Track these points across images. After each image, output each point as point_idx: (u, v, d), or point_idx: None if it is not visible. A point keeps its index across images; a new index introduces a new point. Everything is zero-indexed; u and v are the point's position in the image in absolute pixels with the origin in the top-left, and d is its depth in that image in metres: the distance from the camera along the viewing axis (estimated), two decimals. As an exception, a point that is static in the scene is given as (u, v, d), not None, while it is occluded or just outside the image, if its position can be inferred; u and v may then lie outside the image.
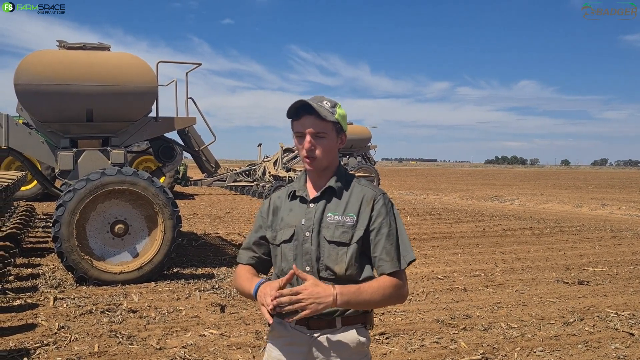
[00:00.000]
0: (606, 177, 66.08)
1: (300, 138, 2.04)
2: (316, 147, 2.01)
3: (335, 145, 2.07)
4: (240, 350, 4.70)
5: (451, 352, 4.77)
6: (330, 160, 2.08)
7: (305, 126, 2.01)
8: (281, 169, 20.59)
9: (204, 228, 12.43)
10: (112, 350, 4.64)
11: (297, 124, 2.03)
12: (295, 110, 2.03)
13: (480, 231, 12.69)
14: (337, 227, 2.02)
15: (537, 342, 5.06)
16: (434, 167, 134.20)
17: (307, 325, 2.03)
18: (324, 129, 2.01)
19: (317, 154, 2.02)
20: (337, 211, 2.04)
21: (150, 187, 7.04)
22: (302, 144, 2.03)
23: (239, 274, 2.16)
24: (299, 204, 2.11)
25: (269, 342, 2.16)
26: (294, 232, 2.06)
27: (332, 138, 2.05)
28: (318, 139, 2.01)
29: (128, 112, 7.58)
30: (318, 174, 2.10)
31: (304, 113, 2.01)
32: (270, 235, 2.14)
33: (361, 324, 2.07)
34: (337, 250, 2.01)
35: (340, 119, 2.05)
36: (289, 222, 2.09)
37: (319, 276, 2.01)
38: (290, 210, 2.11)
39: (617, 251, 10.22)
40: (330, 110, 2.02)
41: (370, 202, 2.04)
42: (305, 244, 2.04)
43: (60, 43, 7.69)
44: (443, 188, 33.59)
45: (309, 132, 2.01)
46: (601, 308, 6.24)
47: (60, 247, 6.70)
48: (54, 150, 7.49)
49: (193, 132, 8.89)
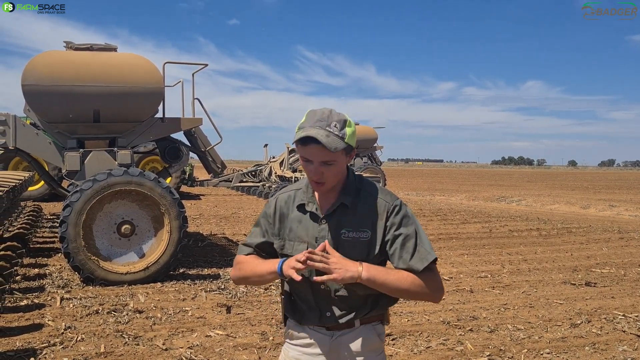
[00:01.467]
0: (613, 177, 65.76)
1: (308, 163, 1.93)
2: (324, 173, 1.92)
3: (344, 166, 1.98)
4: (246, 351, 4.70)
5: (457, 353, 4.75)
6: (338, 178, 1.99)
7: (314, 155, 1.89)
8: (287, 169, 20.61)
9: (210, 228, 12.45)
10: (118, 350, 4.65)
11: (304, 150, 1.90)
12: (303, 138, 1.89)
13: (486, 232, 12.64)
14: (354, 245, 1.97)
15: (544, 343, 5.04)
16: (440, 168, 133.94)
17: (326, 327, 2.04)
18: (334, 157, 1.89)
19: (325, 179, 1.93)
20: (350, 227, 1.98)
21: (156, 187, 7.05)
22: (309, 168, 1.93)
23: (245, 261, 2.09)
24: (309, 219, 2.03)
25: (286, 342, 2.16)
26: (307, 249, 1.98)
27: (342, 162, 1.94)
28: (327, 166, 1.91)
29: (135, 112, 7.60)
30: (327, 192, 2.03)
31: (311, 142, 1.86)
32: (277, 244, 2.08)
33: (378, 321, 2.08)
34: None
35: (349, 141, 1.91)
36: (300, 235, 2.03)
37: (335, 295, 2.00)
38: (300, 222, 2.04)
39: (624, 252, 10.16)
40: (339, 135, 1.88)
41: (384, 215, 1.99)
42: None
43: (67, 44, 7.72)
44: (449, 189, 33.52)
45: (317, 161, 1.91)
46: (608, 310, 6.20)
47: (67, 247, 6.72)
48: (61, 150, 7.52)
49: (199, 132, 8.91)
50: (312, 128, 1.86)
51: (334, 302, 2.01)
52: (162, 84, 7.66)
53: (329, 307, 2.02)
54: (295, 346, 2.10)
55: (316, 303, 2.03)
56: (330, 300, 2.02)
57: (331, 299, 2.01)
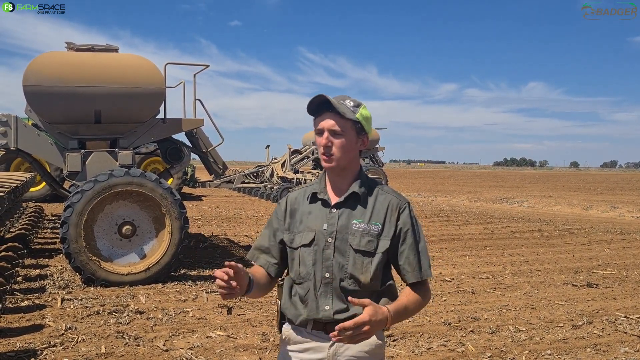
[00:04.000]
0: (616, 179, 65.68)
1: (320, 135, 2.01)
2: (333, 143, 1.98)
3: (354, 146, 2.02)
4: (247, 352, 4.70)
5: (459, 355, 4.74)
6: (349, 160, 2.02)
7: (324, 122, 1.99)
8: (289, 170, 20.60)
9: (211, 229, 12.45)
10: (118, 351, 4.65)
11: (317, 121, 2.02)
12: (317, 106, 2.01)
13: (488, 233, 12.62)
14: (363, 235, 1.98)
15: (545, 345, 5.02)
16: (442, 169, 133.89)
17: (324, 331, 2.01)
18: (343, 126, 1.97)
19: (333, 151, 1.98)
20: (362, 219, 2.00)
21: (157, 188, 7.05)
22: (319, 139, 2.01)
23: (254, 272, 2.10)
24: (320, 207, 2.05)
25: (283, 348, 2.12)
26: (315, 237, 2.01)
27: (351, 137, 2.00)
28: (336, 135, 1.98)
29: (136, 113, 7.60)
30: (338, 175, 2.05)
31: (325, 110, 1.99)
32: (287, 238, 2.09)
33: None
34: (363, 260, 1.98)
35: (362, 119, 2.00)
36: (309, 225, 2.04)
37: (340, 285, 1.99)
38: (310, 213, 2.06)
39: (626, 254, 10.14)
40: (351, 109, 1.99)
41: (396, 212, 2.02)
42: (326, 250, 2.00)
43: (69, 45, 7.72)
44: (451, 190, 33.49)
45: (327, 128, 1.98)
46: (610, 311, 6.18)
47: (68, 248, 6.72)
48: (63, 151, 7.52)
49: (201, 133, 8.91)
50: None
51: (336, 294, 1.99)
52: (164, 84, 7.66)
53: (328, 301, 1.99)
54: (294, 352, 2.07)
55: (317, 294, 2.01)
56: (331, 292, 2.00)
57: (333, 291, 1.99)
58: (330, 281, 1.99)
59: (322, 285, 1.99)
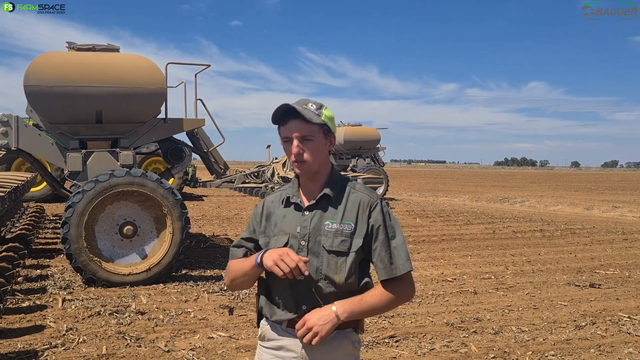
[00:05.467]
0: (617, 178, 65.61)
1: (288, 143, 2.03)
2: (304, 150, 2.00)
3: (324, 148, 2.05)
4: (248, 353, 4.68)
5: (462, 355, 4.72)
6: (320, 163, 2.05)
7: (292, 130, 2.00)
8: (290, 170, 20.59)
9: (212, 229, 12.43)
10: (120, 352, 4.63)
11: (284, 129, 2.02)
12: (281, 115, 2.02)
13: (490, 233, 12.60)
14: (336, 235, 2.00)
15: (548, 345, 5.00)
16: (443, 169, 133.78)
17: None
18: (311, 131, 1.99)
19: (305, 158, 2.00)
20: (334, 219, 2.02)
21: (159, 188, 7.03)
22: (289, 148, 2.02)
23: (232, 264, 2.14)
24: (293, 211, 2.08)
25: (259, 345, 2.15)
26: (288, 240, 2.03)
27: (320, 140, 2.02)
28: (305, 142, 2.00)
29: (137, 113, 7.58)
30: (310, 179, 2.08)
31: (290, 117, 2.00)
32: (262, 241, 2.12)
33: (352, 329, 2.06)
34: (337, 260, 1.99)
35: (327, 121, 2.03)
36: (283, 229, 2.07)
37: (317, 285, 1.99)
38: (284, 217, 2.08)
39: (629, 254, 10.11)
40: (316, 113, 2.00)
41: (367, 209, 2.03)
42: (300, 252, 2.00)
43: (70, 44, 7.70)
44: (452, 190, 33.45)
45: (296, 136, 1.99)
46: (613, 312, 6.16)
47: (69, 248, 6.71)
48: (64, 151, 7.51)
49: (202, 133, 8.90)
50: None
51: (312, 295, 2.00)
52: (165, 84, 7.64)
53: (305, 300, 2.00)
54: (268, 349, 2.09)
55: (292, 294, 2.02)
56: (308, 293, 2.00)
57: (309, 291, 2.00)
58: (306, 283, 1.98)
59: (298, 286, 1.99)
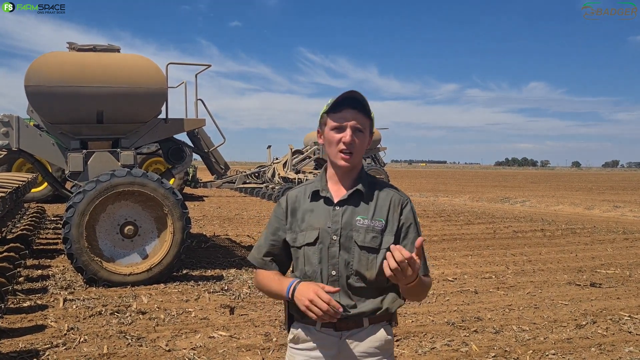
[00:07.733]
0: (618, 178, 65.58)
1: (336, 131, 1.96)
2: (355, 140, 1.95)
3: (367, 144, 2.02)
4: (249, 352, 4.68)
5: (462, 354, 4.72)
6: (360, 157, 2.03)
7: (348, 119, 1.94)
8: (290, 170, 20.59)
9: (213, 230, 12.44)
10: (121, 351, 4.64)
11: (337, 117, 1.96)
12: (341, 101, 1.96)
13: (490, 233, 12.60)
14: (367, 231, 1.97)
15: (549, 345, 5.00)
16: (443, 169, 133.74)
17: (334, 327, 1.99)
18: (365, 124, 1.97)
19: (353, 150, 1.96)
20: (366, 215, 1.99)
21: (159, 188, 7.04)
22: (336, 137, 1.96)
23: (262, 276, 2.09)
24: (322, 205, 2.03)
25: (291, 348, 2.10)
26: (319, 235, 1.99)
27: (367, 135, 2.00)
28: (358, 133, 1.96)
29: (138, 113, 7.59)
30: (343, 173, 2.03)
31: (346, 106, 1.95)
32: (290, 237, 2.06)
33: (387, 322, 2.05)
34: (368, 256, 1.97)
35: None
36: (312, 224, 2.02)
37: (347, 282, 1.97)
38: (312, 212, 2.03)
39: (629, 253, 10.11)
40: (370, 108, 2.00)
41: (399, 207, 2.01)
42: (332, 247, 1.98)
43: (71, 45, 7.71)
44: (453, 190, 33.45)
45: (351, 126, 1.94)
46: (614, 311, 6.16)
47: (70, 248, 6.71)
48: (64, 151, 7.51)
49: (202, 133, 8.90)
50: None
51: (343, 291, 1.98)
52: (165, 85, 7.65)
53: (337, 298, 1.96)
54: (302, 350, 2.05)
55: None
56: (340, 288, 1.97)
57: (340, 288, 1.97)
58: (337, 278, 1.97)
59: (329, 282, 1.97)
